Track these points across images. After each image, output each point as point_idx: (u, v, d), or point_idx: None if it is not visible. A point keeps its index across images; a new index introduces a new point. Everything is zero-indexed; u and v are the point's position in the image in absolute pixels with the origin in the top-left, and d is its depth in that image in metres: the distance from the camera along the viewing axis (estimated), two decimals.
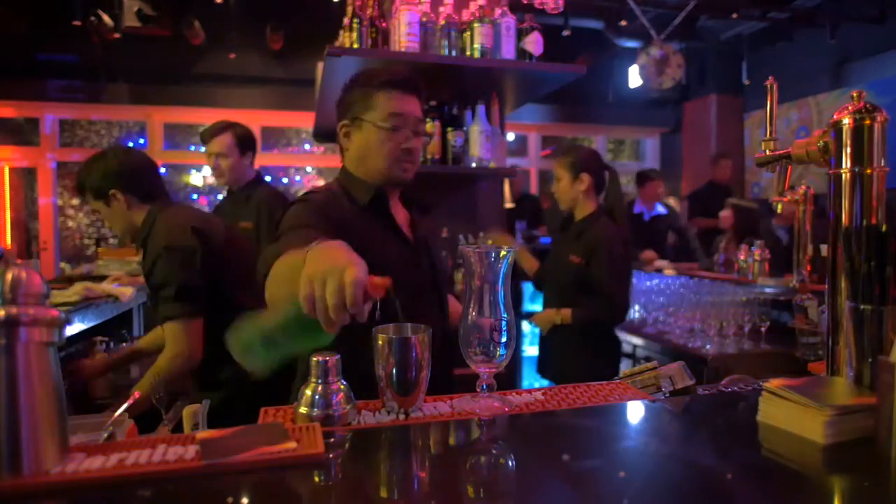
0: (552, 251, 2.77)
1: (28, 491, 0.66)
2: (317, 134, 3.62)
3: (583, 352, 2.38)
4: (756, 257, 3.20)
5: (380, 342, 0.92)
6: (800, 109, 6.11)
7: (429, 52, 2.25)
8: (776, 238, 3.83)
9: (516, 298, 4.13)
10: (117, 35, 4.89)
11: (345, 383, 0.89)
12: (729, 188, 5.24)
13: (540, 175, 7.43)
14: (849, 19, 5.54)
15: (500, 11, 2.32)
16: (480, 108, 2.42)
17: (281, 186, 6.68)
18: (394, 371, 0.91)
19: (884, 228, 0.88)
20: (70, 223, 6.59)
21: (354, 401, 0.90)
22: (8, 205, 6.22)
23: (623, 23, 5.72)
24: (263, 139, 6.52)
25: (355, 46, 2.18)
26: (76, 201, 6.53)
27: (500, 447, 0.85)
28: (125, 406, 1.13)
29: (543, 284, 2.66)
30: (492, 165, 2.43)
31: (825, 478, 0.77)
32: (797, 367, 1.58)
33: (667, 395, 1.03)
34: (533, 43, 2.32)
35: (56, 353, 0.71)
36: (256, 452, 0.72)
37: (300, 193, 1.42)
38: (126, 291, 2.33)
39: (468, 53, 2.27)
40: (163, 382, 1.43)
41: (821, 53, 5.87)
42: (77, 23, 4.84)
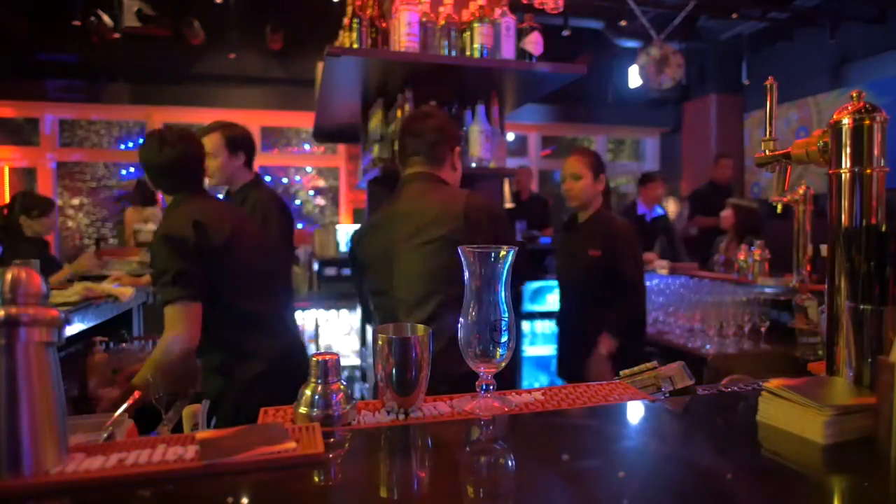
0: (562, 250, 2.79)
1: (28, 491, 0.66)
2: (317, 134, 3.62)
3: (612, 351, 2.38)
4: (756, 257, 3.20)
5: (380, 342, 0.92)
6: (800, 109, 6.11)
7: (429, 53, 2.25)
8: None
9: (516, 298, 4.13)
10: (117, 35, 4.89)
11: (345, 383, 0.89)
12: (729, 188, 5.25)
13: (540, 175, 7.43)
14: (848, 19, 5.54)
15: (500, 11, 2.32)
16: (480, 108, 2.42)
17: (281, 186, 6.68)
18: (393, 371, 0.91)
19: (884, 228, 0.87)
20: (70, 223, 6.59)
21: (354, 401, 0.90)
22: None
23: (623, 23, 5.72)
24: (263, 139, 6.52)
25: (355, 46, 2.18)
26: (76, 201, 6.53)
27: (500, 447, 0.85)
28: (125, 406, 1.13)
29: (559, 283, 2.70)
30: (492, 165, 2.43)
31: (825, 478, 0.77)
32: (797, 367, 1.58)
33: (666, 395, 1.03)
34: (533, 43, 2.32)
35: (56, 353, 0.71)
36: (256, 452, 0.71)
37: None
38: (126, 291, 2.33)
39: (468, 53, 2.27)
40: (161, 381, 1.43)
41: (821, 53, 5.87)
42: (77, 23, 4.84)
